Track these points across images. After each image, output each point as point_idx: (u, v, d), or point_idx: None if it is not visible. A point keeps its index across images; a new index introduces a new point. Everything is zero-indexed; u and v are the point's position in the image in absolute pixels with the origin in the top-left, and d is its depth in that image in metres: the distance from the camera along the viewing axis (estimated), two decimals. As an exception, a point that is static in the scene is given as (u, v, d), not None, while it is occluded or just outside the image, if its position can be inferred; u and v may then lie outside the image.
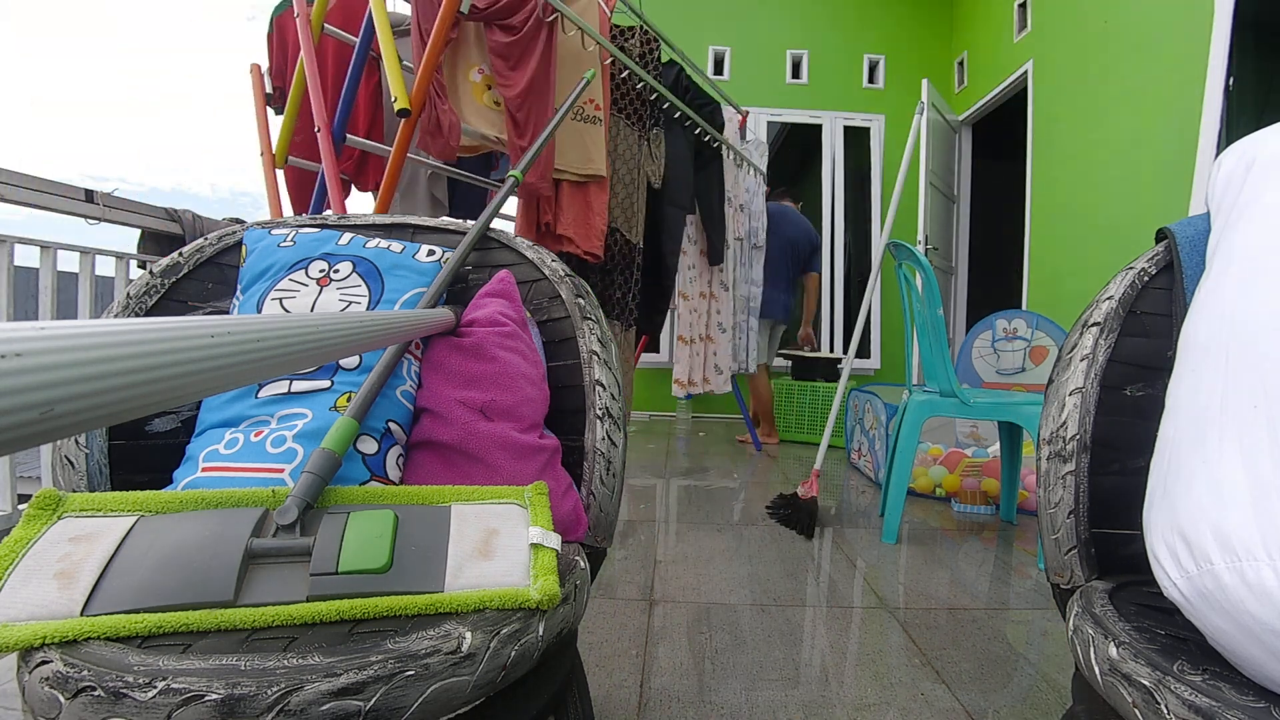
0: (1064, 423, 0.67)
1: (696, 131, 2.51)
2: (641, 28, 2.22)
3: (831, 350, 4.29)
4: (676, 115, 2.37)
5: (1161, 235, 0.73)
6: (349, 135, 1.63)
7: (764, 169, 3.26)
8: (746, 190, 3.15)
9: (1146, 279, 0.71)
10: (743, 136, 3.20)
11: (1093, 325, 0.70)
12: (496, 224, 0.95)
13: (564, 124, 1.75)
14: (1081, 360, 0.68)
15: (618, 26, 2.18)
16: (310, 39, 1.66)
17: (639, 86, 2.13)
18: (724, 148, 2.76)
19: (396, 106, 1.40)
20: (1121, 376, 0.67)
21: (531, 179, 1.73)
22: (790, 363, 3.76)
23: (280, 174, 1.86)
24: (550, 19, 1.71)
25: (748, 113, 3.27)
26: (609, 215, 2.06)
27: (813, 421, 3.49)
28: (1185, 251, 0.68)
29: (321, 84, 1.63)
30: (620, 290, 2.20)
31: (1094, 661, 0.49)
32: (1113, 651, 0.47)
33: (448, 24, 1.47)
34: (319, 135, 1.56)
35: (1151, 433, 0.56)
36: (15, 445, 0.19)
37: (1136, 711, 0.44)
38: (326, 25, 1.73)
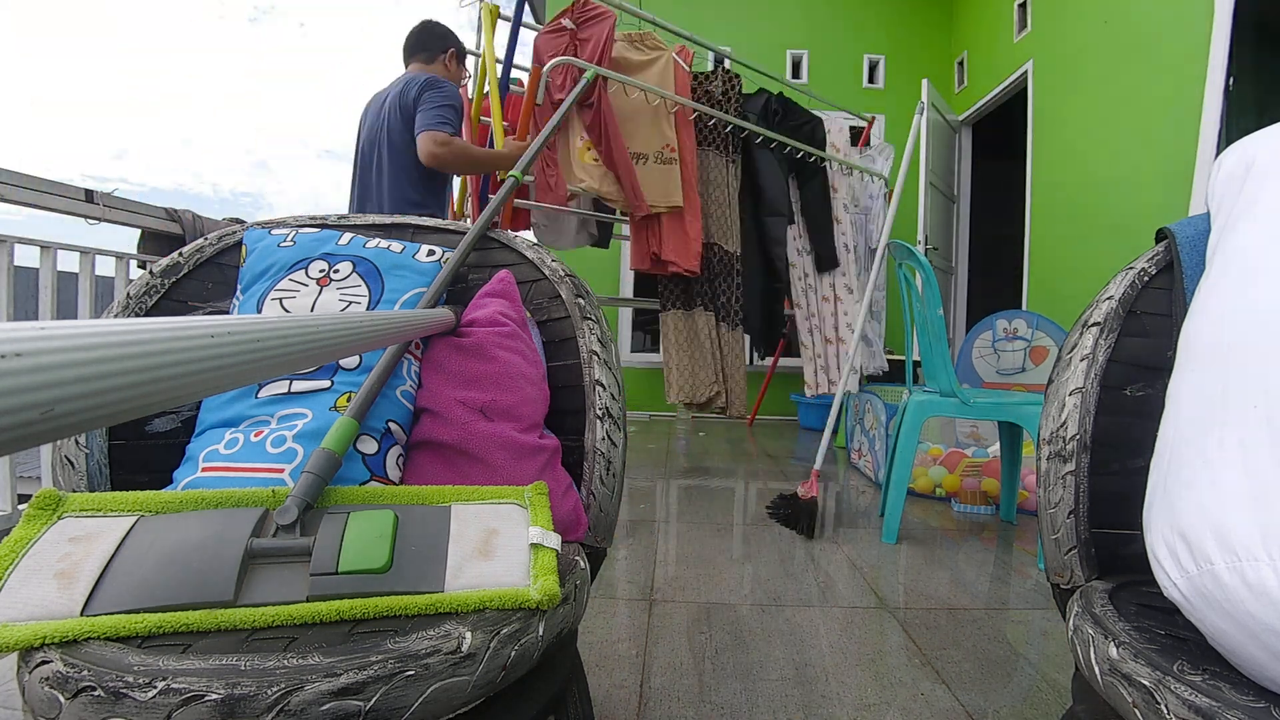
0: (1064, 423, 0.67)
1: (786, 151, 2.77)
2: (722, 67, 2.66)
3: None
4: (758, 140, 2.67)
5: (1161, 235, 0.73)
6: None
7: (887, 173, 3.26)
8: (869, 195, 3.21)
9: (1146, 279, 0.71)
10: (867, 142, 3.34)
11: (1093, 325, 0.70)
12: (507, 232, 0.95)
13: (645, 165, 2.32)
14: (1081, 360, 0.68)
15: (699, 74, 2.59)
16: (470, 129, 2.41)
17: (726, 130, 2.59)
18: (828, 161, 2.94)
19: (503, 176, 1.87)
20: (1121, 376, 0.67)
21: (638, 209, 2.30)
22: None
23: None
24: (610, 89, 2.20)
25: (873, 119, 3.44)
26: (707, 233, 2.52)
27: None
28: (1185, 251, 0.68)
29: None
30: (724, 295, 2.59)
31: (1094, 661, 0.49)
32: (1113, 651, 0.47)
33: (527, 119, 2.10)
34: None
35: (1151, 433, 0.56)
36: (16, 445, 0.19)
37: (1136, 711, 0.44)
38: (483, 117, 2.46)
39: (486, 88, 2.34)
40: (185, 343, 0.27)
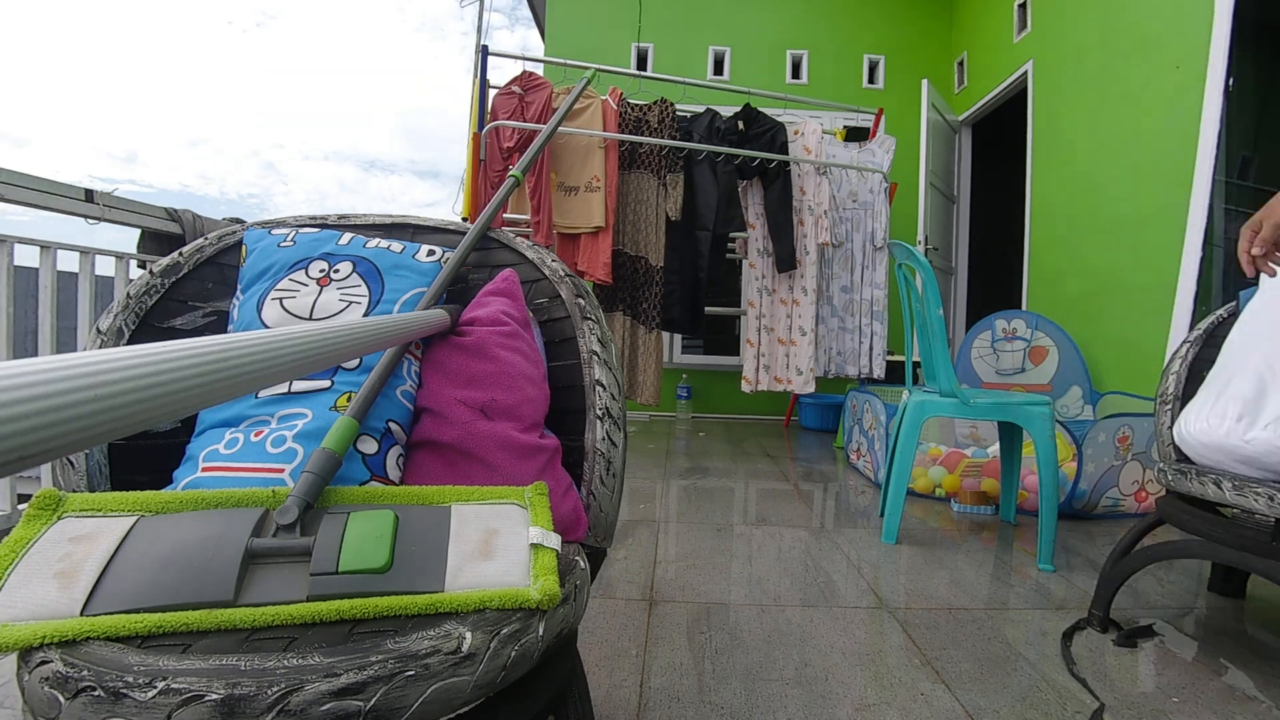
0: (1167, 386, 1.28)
1: (738, 161, 3.00)
2: (660, 100, 2.97)
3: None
4: (700, 157, 2.94)
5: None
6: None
7: (887, 166, 3.28)
8: (869, 190, 3.25)
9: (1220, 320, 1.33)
10: (860, 138, 3.52)
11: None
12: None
13: (576, 195, 2.82)
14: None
15: (637, 105, 2.93)
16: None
17: (663, 153, 2.92)
18: (794, 163, 3.11)
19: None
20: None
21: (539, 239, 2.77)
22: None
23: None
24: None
25: (880, 111, 3.56)
26: (634, 246, 2.96)
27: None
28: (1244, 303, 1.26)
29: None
30: (645, 303, 2.98)
31: (1213, 486, 1.04)
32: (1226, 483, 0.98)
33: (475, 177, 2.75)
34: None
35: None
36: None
37: (1225, 494, 1.01)
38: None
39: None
40: (178, 369, 0.27)
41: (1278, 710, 0.96)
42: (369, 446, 0.64)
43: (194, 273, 0.79)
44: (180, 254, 0.79)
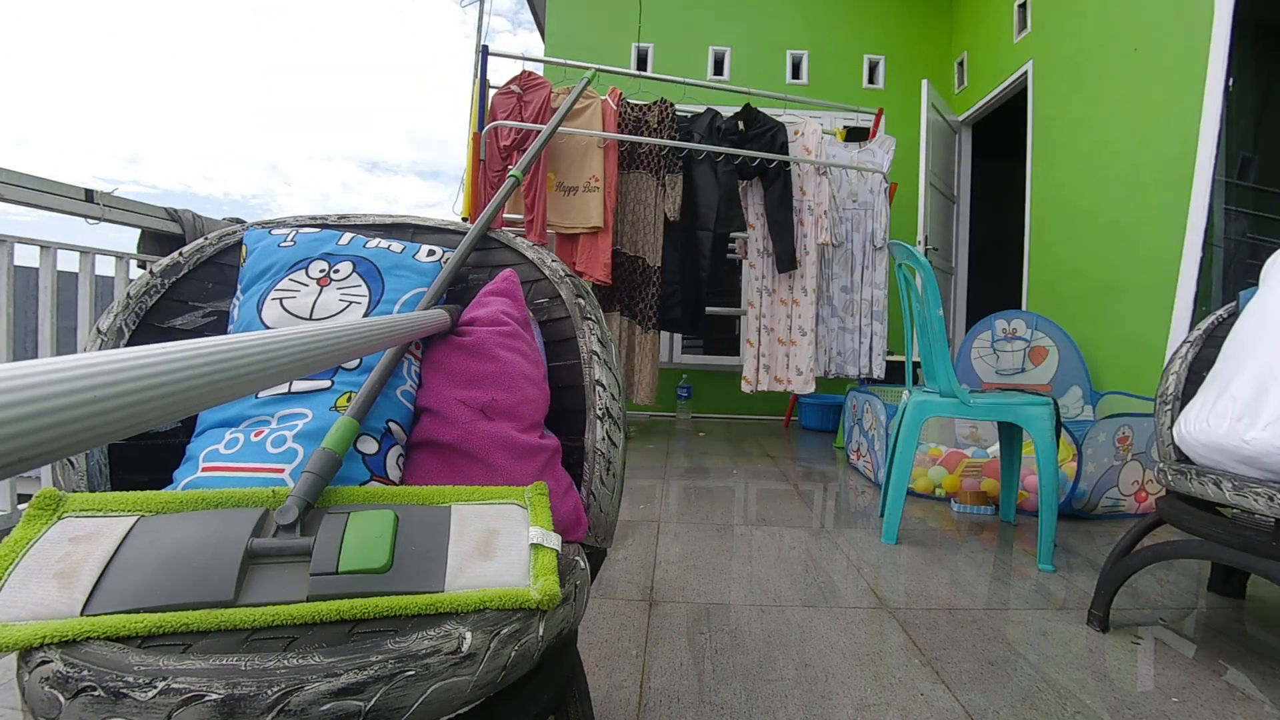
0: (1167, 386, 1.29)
1: (738, 161, 3.01)
2: (660, 100, 2.98)
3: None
4: (700, 157, 2.96)
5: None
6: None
7: (887, 166, 3.27)
8: (869, 190, 3.25)
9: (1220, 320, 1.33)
10: (860, 138, 3.52)
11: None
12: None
13: (575, 195, 2.82)
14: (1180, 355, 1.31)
15: (637, 105, 2.94)
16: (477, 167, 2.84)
17: (663, 153, 2.94)
18: (794, 164, 3.11)
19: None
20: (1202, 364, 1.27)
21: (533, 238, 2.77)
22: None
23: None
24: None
25: (880, 111, 3.57)
26: (632, 246, 2.96)
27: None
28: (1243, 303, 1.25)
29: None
30: (642, 303, 2.98)
31: (1213, 486, 1.05)
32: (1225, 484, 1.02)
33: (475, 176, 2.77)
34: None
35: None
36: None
37: (1225, 494, 1.03)
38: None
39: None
40: (174, 372, 0.27)
41: (1277, 710, 0.96)
42: (369, 446, 0.64)
43: (194, 273, 0.79)
44: (180, 254, 0.79)
